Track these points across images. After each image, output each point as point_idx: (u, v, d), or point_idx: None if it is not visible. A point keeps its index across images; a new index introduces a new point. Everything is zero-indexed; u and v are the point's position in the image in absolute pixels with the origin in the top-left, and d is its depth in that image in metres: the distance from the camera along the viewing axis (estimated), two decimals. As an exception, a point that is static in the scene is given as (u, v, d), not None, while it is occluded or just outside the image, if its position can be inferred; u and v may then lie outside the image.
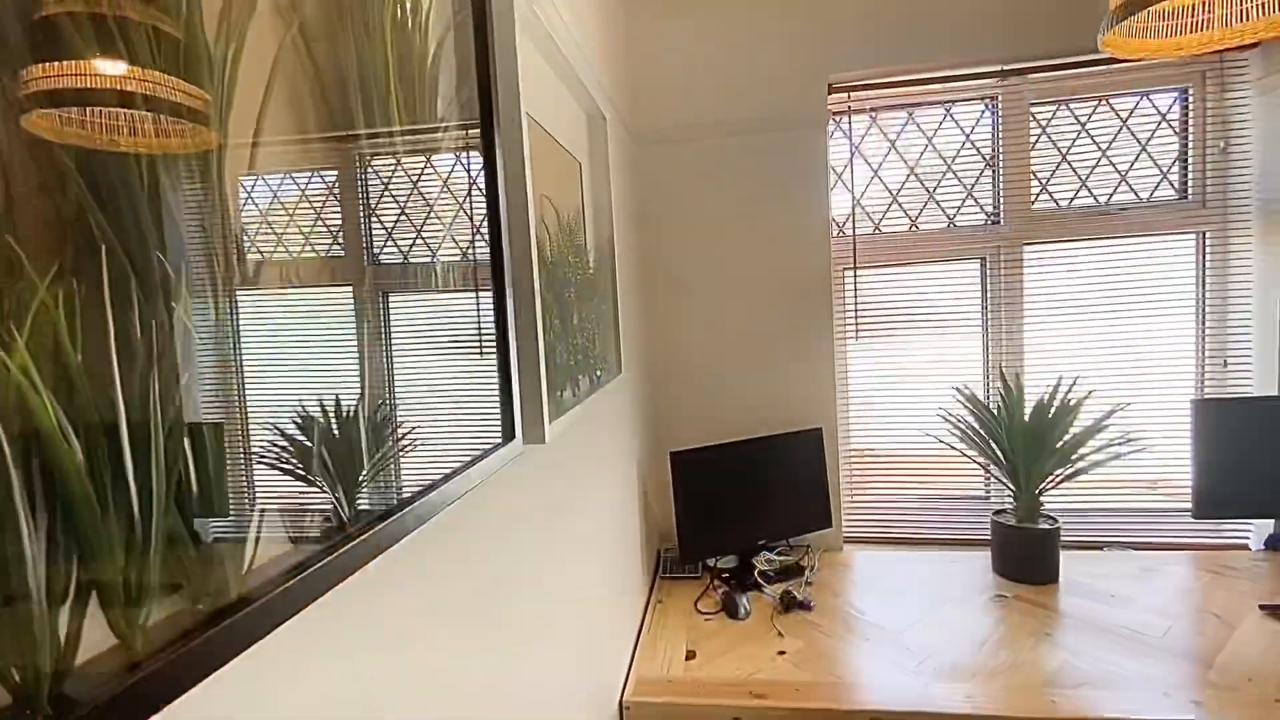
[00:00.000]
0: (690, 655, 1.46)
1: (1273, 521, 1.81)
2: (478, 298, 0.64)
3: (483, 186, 0.65)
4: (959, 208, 2.06)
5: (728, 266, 2.00)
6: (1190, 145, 1.94)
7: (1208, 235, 1.93)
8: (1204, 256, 1.94)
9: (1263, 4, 1.23)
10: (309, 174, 0.44)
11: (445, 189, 0.58)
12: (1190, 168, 1.95)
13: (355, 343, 0.47)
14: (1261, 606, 1.50)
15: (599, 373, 1.16)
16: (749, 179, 1.96)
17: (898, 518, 2.10)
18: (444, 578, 0.60)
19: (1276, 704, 1.17)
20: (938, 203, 2.06)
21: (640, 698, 1.32)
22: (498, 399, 0.65)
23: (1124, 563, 1.79)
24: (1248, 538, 1.88)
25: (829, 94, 1.94)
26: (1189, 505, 1.71)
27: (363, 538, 0.41)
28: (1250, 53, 1.84)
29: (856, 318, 2.06)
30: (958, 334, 2.06)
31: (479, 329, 0.64)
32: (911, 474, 2.10)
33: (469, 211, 0.63)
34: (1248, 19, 1.27)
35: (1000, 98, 1.99)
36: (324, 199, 0.45)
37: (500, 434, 0.66)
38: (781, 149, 1.94)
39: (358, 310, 0.47)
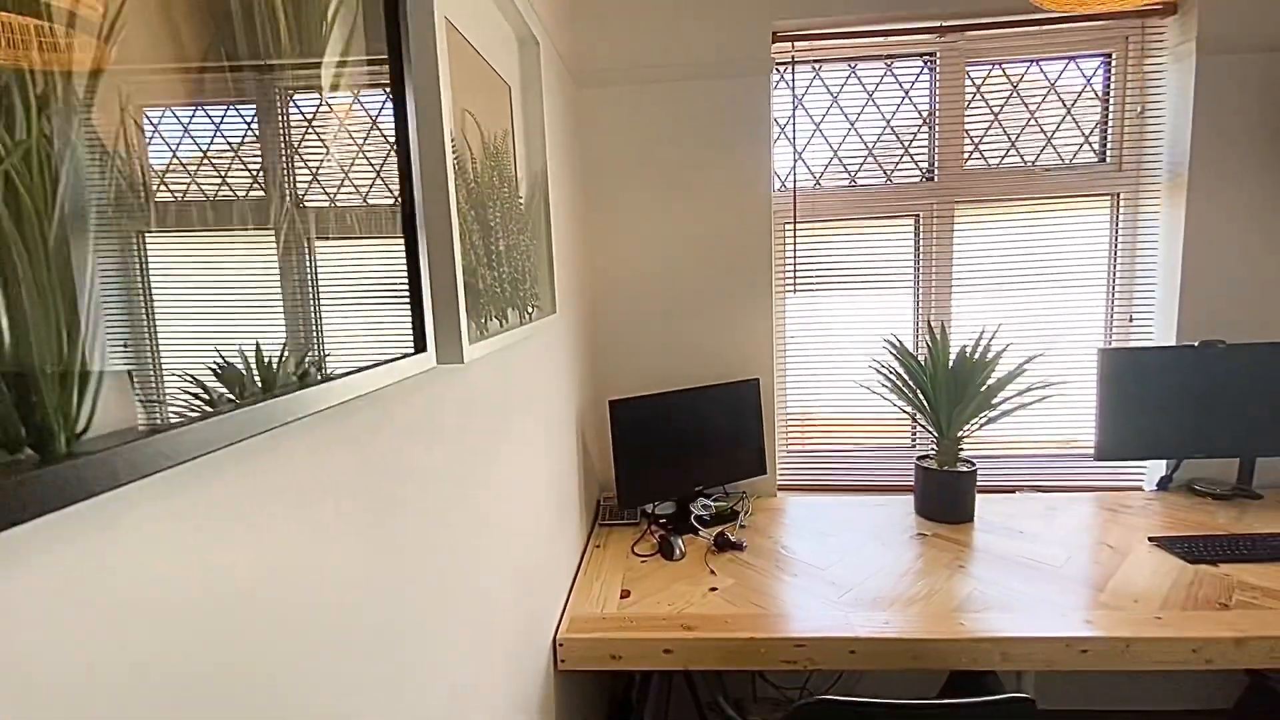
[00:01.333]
0: (625, 594, 1.48)
1: (1164, 463, 1.96)
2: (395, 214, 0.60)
3: (388, 86, 0.61)
4: (896, 164, 2.09)
5: (670, 216, 1.98)
6: (1111, 110, 2.03)
7: (1121, 197, 2.04)
8: (1117, 217, 2.05)
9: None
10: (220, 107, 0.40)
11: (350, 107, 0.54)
12: (1109, 132, 2.04)
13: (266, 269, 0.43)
14: (1150, 538, 1.63)
15: (531, 309, 1.14)
16: (693, 127, 1.94)
17: (830, 466, 2.17)
18: (348, 491, 0.58)
19: (1156, 620, 1.29)
20: (876, 159, 2.09)
21: (574, 634, 1.33)
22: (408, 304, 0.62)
23: (1033, 503, 1.91)
24: (1142, 480, 2.04)
25: (773, 42, 1.93)
26: (1093, 451, 1.84)
27: (228, 414, 0.38)
28: (1169, 19, 1.92)
29: (795, 272, 2.09)
30: (892, 289, 2.12)
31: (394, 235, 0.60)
32: (844, 424, 2.17)
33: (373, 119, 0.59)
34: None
35: (939, 55, 2.02)
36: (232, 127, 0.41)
37: (411, 344, 0.63)
38: (725, 97, 1.92)
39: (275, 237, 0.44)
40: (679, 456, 1.84)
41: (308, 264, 0.49)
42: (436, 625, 0.76)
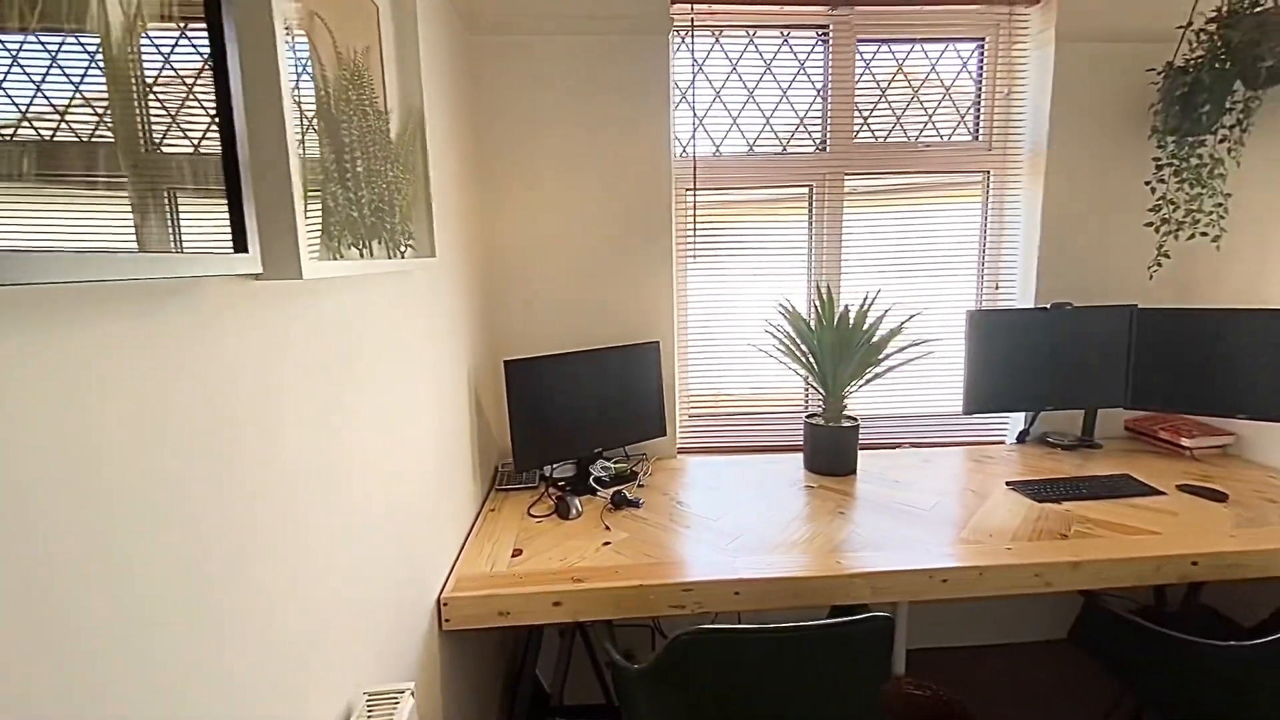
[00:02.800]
0: (517, 553, 1.45)
1: (1023, 418, 2.15)
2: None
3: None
4: (792, 135, 2.15)
5: (572, 175, 1.94)
6: (983, 92, 2.18)
7: (992, 174, 2.20)
8: (988, 192, 2.21)
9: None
10: None
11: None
12: (981, 113, 2.19)
13: None
14: (1007, 483, 1.78)
15: (403, 248, 1.07)
16: (593, 85, 1.90)
17: (729, 428, 2.22)
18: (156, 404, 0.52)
19: (1006, 551, 1.41)
20: (773, 129, 2.14)
21: (459, 593, 1.29)
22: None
23: (910, 457, 2.04)
24: (1006, 434, 2.24)
25: (673, 2, 1.92)
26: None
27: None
28: (1033, 8, 2.08)
29: (695, 237, 2.11)
30: (787, 256, 2.19)
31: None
32: (744, 387, 2.23)
33: None
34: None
35: (832, 29, 2.09)
36: None
37: (230, 242, 0.56)
38: (625, 55, 1.90)
39: None
40: (578, 418, 1.82)
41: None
42: (283, 571, 0.71)
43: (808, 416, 1.95)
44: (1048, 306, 2.02)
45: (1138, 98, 2.03)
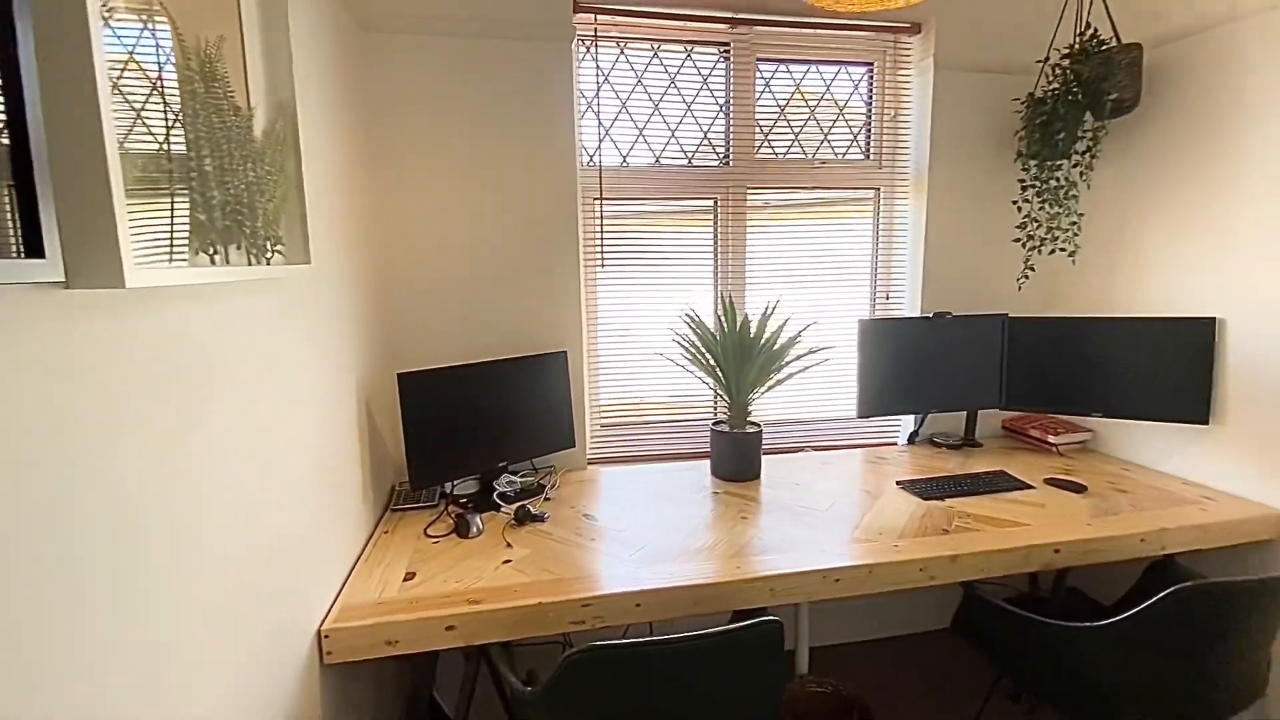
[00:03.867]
0: (409, 576, 1.38)
1: (913, 421, 2.29)
2: None
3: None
4: (697, 148, 2.20)
5: (474, 182, 1.89)
6: (873, 114, 2.31)
7: (881, 191, 2.33)
8: (879, 209, 2.34)
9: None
10: None
11: None
12: (872, 133, 2.32)
13: None
14: (898, 482, 1.88)
15: (269, 254, 0.99)
16: (496, 90, 1.86)
17: (640, 437, 2.22)
18: None
19: (894, 548, 1.47)
20: (679, 142, 2.18)
21: (343, 624, 1.20)
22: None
23: (810, 461, 2.12)
24: (898, 436, 2.36)
25: (575, 11, 1.91)
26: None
27: None
28: (915, 37, 2.23)
29: (602, 247, 2.10)
30: (695, 266, 2.22)
31: None
32: (654, 397, 2.24)
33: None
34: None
35: (732, 47, 2.15)
36: None
37: (16, 246, 0.49)
38: (528, 61, 1.87)
39: None
40: (479, 432, 1.76)
41: None
42: (112, 624, 0.62)
43: (714, 424, 1.98)
44: (931, 316, 2.16)
45: (1006, 124, 2.22)
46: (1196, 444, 1.86)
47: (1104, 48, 1.88)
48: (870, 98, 2.30)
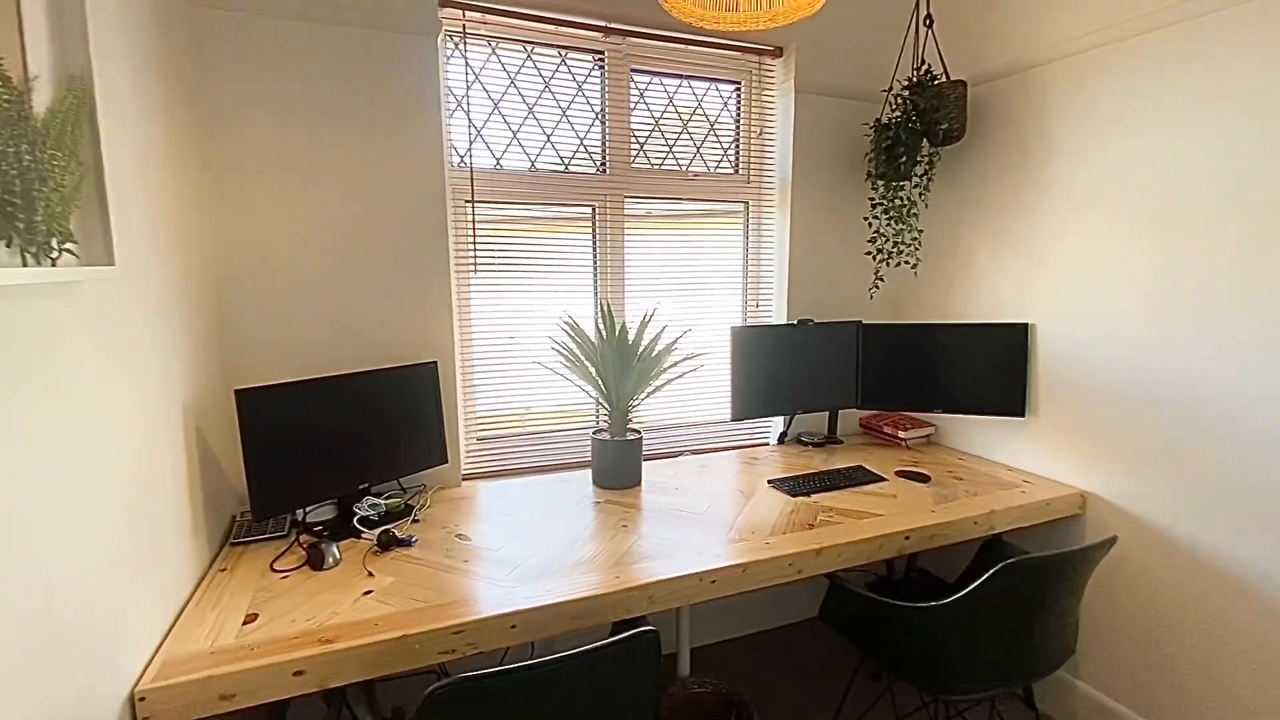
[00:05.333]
0: (250, 619, 1.22)
1: (782, 420, 2.41)
2: None
3: None
4: (573, 154, 2.17)
5: (327, 179, 1.73)
6: (741, 130, 2.41)
7: (750, 204, 2.44)
8: (748, 221, 2.45)
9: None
10: None
11: None
12: (741, 149, 2.42)
13: None
14: (769, 481, 1.97)
15: (55, 253, 0.83)
16: (353, 81, 1.72)
17: (519, 448, 2.15)
18: None
19: (766, 545, 1.53)
20: (555, 147, 2.14)
21: (162, 682, 1.04)
22: None
23: (689, 464, 2.16)
24: (769, 436, 2.48)
25: (442, 5, 1.82)
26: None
27: None
28: (778, 61, 2.36)
29: (475, 251, 2.02)
30: (575, 273, 2.19)
31: None
32: (535, 407, 2.18)
33: None
34: (762, 8, 1.58)
35: (607, 56, 2.15)
36: None
37: None
38: (390, 54, 1.75)
39: None
40: (336, 452, 1.61)
41: None
42: None
43: (595, 433, 1.96)
44: (795, 323, 2.29)
45: (858, 146, 2.41)
46: (1017, 435, 2.12)
47: (936, 82, 2.10)
48: (739, 115, 2.41)
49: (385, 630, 1.17)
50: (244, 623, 1.21)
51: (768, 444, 2.45)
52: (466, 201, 1.98)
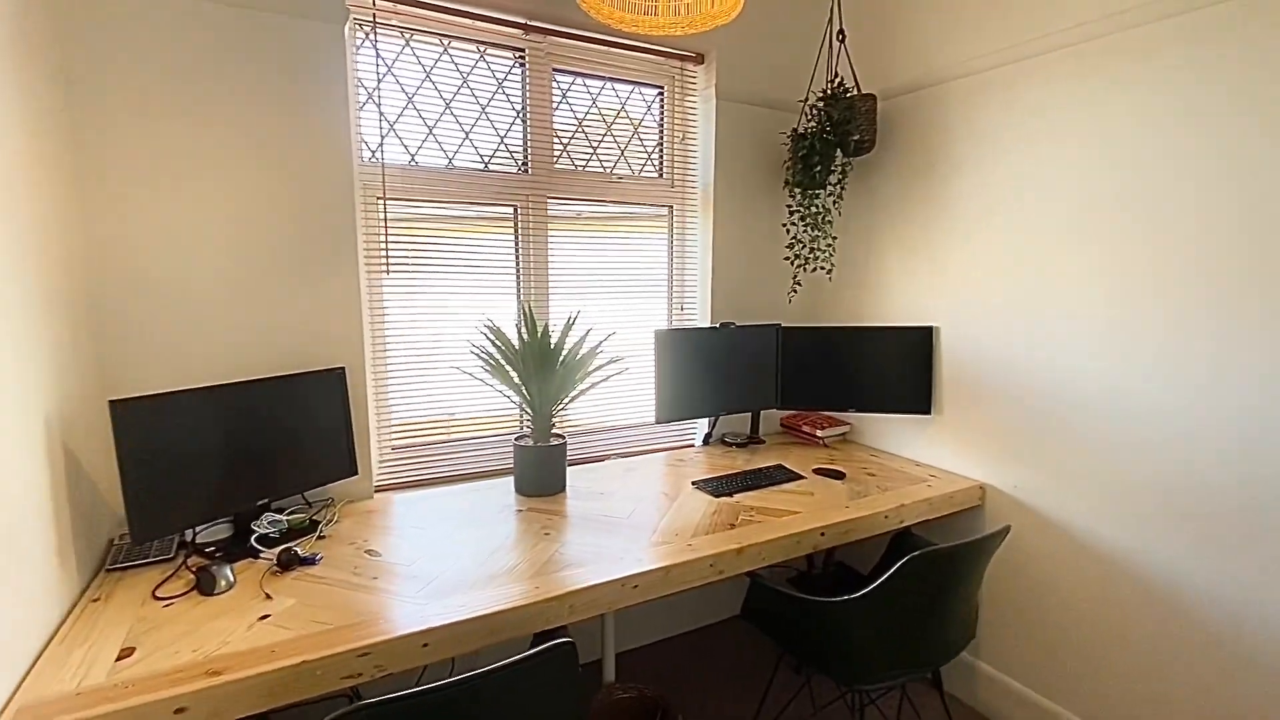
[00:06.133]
0: (125, 654, 1.10)
1: (707, 421, 2.44)
2: None
3: None
4: (494, 153, 2.12)
5: (218, 171, 1.60)
6: (664, 135, 2.43)
7: (675, 208, 2.46)
8: (673, 225, 2.47)
9: (687, 5, 1.56)
10: None
11: None
12: (665, 153, 2.44)
13: None
14: (693, 483, 1.98)
15: None
16: (248, 66, 1.61)
17: (438, 456, 2.07)
18: None
19: (688, 547, 1.54)
20: (474, 145, 2.08)
21: (14, 733, 0.92)
22: None
23: (615, 468, 2.15)
24: (695, 437, 2.51)
25: (349, -8, 1.73)
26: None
27: None
28: (699, 68, 2.40)
29: (388, 251, 1.93)
30: (495, 276, 2.14)
31: None
32: (455, 411, 2.10)
33: None
34: (679, 14, 1.59)
35: (528, 54, 2.11)
36: None
37: None
38: (290, 38, 1.64)
39: None
40: (230, 467, 1.49)
41: None
42: None
43: (516, 439, 1.92)
44: (718, 326, 2.32)
45: (777, 155, 2.48)
46: (924, 431, 2.24)
47: (848, 95, 2.19)
48: (662, 119, 2.42)
49: (282, 657, 1.09)
50: (118, 658, 1.09)
51: (693, 445, 2.47)
52: (378, 199, 1.89)
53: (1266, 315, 1.39)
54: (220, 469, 1.46)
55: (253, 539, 1.49)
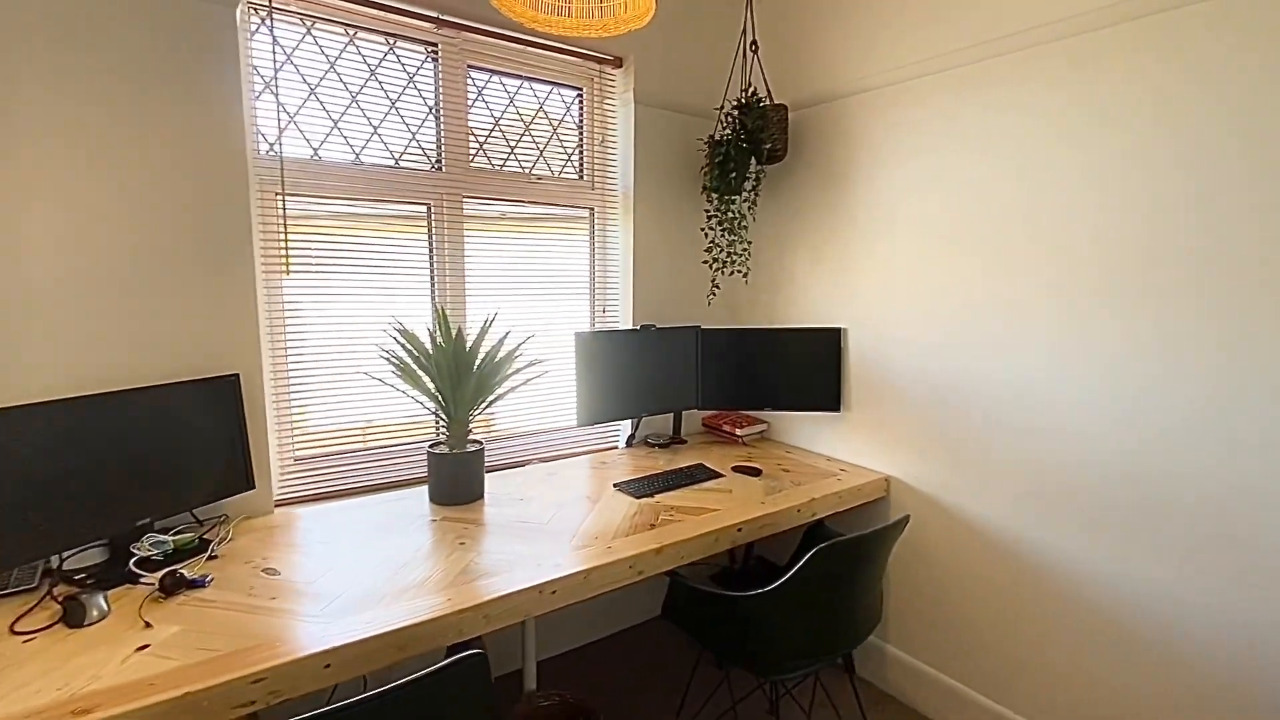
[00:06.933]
0: (-31, 700, 0.98)
1: (630, 423, 2.45)
2: None
3: None
4: (405, 149, 2.04)
5: (91, 161, 1.46)
6: (585, 136, 2.43)
7: (596, 210, 2.46)
8: (594, 227, 2.46)
9: (601, 8, 1.56)
10: None
11: None
12: (585, 155, 2.43)
13: None
14: (615, 485, 1.98)
15: None
16: (125, 49, 1.47)
17: (347, 466, 1.97)
18: None
19: (608, 550, 1.54)
20: (383, 140, 2.00)
21: None
22: None
23: (536, 473, 2.12)
24: (619, 439, 2.51)
25: (240, -27, 1.62)
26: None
27: None
28: (618, 71, 2.41)
29: (288, 251, 1.82)
30: (408, 277, 2.06)
31: None
32: (365, 418, 2.01)
33: None
34: (593, 16, 1.59)
35: (441, 49, 2.05)
36: None
37: None
38: (174, 20, 1.52)
39: None
40: (103, 485, 1.35)
41: None
42: None
43: (431, 446, 1.85)
44: (639, 328, 2.34)
45: (696, 160, 2.53)
46: (834, 427, 2.34)
47: (761, 104, 2.26)
48: (581, 121, 2.42)
49: (162, 690, 1.00)
50: (-39, 705, 0.97)
51: (617, 447, 2.48)
52: (277, 194, 1.78)
53: (1161, 318, 1.51)
54: (88, 488, 1.33)
55: (131, 563, 1.37)
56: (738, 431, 2.51)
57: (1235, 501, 1.40)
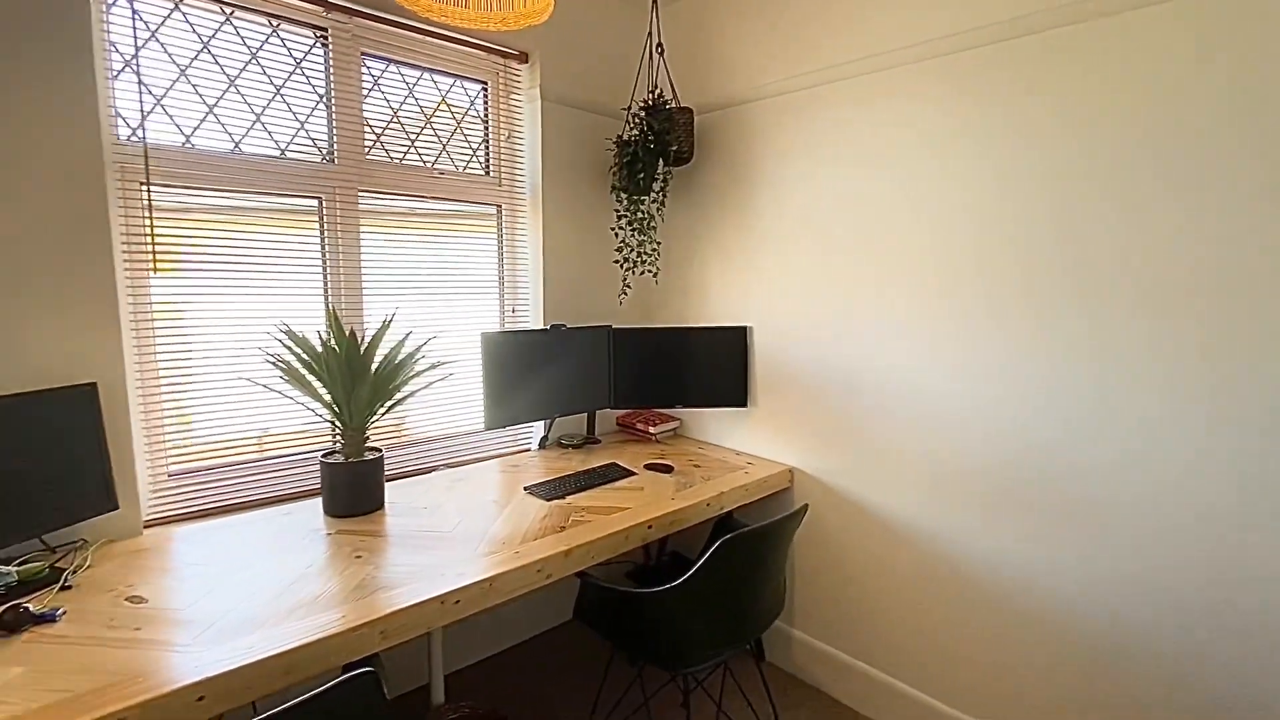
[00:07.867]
0: None
1: (543, 425, 2.42)
2: None
3: None
4: (292, 139, 1.91)
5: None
6: (490, 131, 2.37)
7: (504, 208, 2.40)
8: (501, 225, 2.41)
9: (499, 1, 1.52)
10: None
11: None
12: (491, 150, 2.38)
13: None
14: (525, 488, 1.95)
15: None
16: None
17: (231, 480, 1.82)
18: None
19: (515, 555, 1.51)
20: (266, 129, 1.86)
21: None
22: None
23: (442, 480, 2.05)
24: (531, 442, 2.47)
25: (89, -62, 1.46)
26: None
27: None
28: (523, 66, 2.36)
29: (154, 246, 1.66)
30: (298, 276, 1.93)
31: None
32: (251, 427, 1.86)
33: None
34: (492, 9, 1.55)
35: (331, 35, 1.94)
36: None
37: None
38: (4, -14, 1.34)
39: None
40: (-74, 511, 1.18)
41: None
42: None
43: (324, 455, 1.75)
44: (549, 328, 2.32)
45: (606, 159, 2.53)
46: (742, 423, 2.41)
47: (668, 106, 2.29)
48: (487, 115, 2.35)
49: (-6, 744, 0.89)
50: None
51: (529, 449, 2.44)
52: (140, 184, 1.62)
53: (1039, 317, 1.64)
54: (-95, 518, 1.15)
55: (-40, 601, 1.20)
56: (651, 430, 2.54)
57: (1103, 477, 1.57)
